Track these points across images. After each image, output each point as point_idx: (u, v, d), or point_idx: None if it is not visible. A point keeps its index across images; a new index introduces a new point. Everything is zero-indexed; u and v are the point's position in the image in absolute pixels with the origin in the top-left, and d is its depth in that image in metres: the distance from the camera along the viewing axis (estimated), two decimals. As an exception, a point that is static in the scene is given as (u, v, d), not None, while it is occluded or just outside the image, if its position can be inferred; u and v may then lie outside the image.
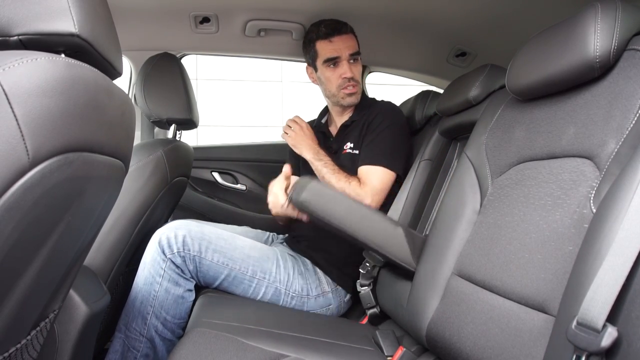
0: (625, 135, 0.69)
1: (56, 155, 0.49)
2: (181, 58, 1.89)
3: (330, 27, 1.51)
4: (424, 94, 1.62)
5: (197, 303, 1.22)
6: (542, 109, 0.88)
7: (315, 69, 1.57)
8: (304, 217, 1.20)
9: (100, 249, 1.18)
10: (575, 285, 0.62)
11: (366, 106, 1.58)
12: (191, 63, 5.20)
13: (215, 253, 1.24)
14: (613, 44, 0.74)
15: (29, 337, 0.64)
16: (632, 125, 0.69)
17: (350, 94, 1.52)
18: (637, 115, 0.69)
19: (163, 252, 1.21)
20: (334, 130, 1.64)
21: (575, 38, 0.79)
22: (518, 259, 0.79)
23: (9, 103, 0.45)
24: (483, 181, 0.98)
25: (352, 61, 1.51)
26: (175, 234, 1.22)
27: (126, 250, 1.25)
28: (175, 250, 1.21)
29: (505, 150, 0.95)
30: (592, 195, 0.70)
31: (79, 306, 0.90)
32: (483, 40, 1.61)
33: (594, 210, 0.68)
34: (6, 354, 0.58)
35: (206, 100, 5.29)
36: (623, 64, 0.75)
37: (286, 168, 1.39)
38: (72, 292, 0.89)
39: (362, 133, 1.51)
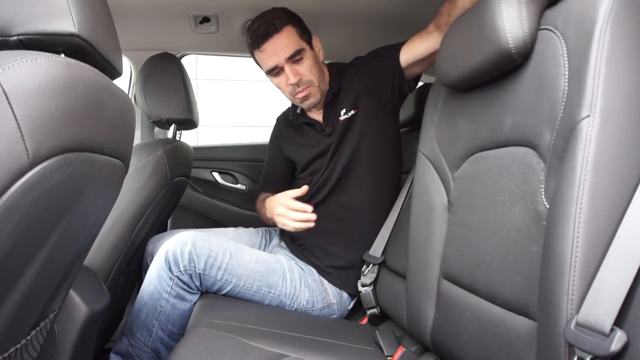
0: (557, 127, 0.65)
1: (56, 155, 0.49)
2: (181, 58, 1.89)
3: (255, 35, 1.32)
4: (423, 89, 1.61)
5: (197, 303, 1.22)
6: (480, 98, 0.83)
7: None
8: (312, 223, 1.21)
9: (100, 249, 1.18)
10: (549, 287, 0.59)
11: (340, 71, 1.44)
12: (191, 63, 5.20)
13: (219, 270, 1.23)
14: (524, 28, 0.68)
15: (28, 337, 0.64)
16: (560, 116, 0.64)
17: (304, 98, 1.37)
18: (563, 105, 0.64)
19: (170, 269, 1.18)
20: (318, 115, 1.47)
21: (486, 27, 0.73)
22: (493, 260, 0.75)
23: (9, 103, 0.45)
24: (444, 176, 0.94)
25: (295, 61, 1.32)
26: (181, 250, 1.19)
27: (126, 250, 1.25)
28: (181, 268, 1.19)
29: (455, 142, 0.90)
30: (543, 190, 0.67)
31: (79, 306, 0.90)
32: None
33: (547, 206, 0.65)
34: (6, 354, 0.58)
35: (206, 100, 5.29)
36: (539, 46, 0.69)
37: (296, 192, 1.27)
38: (72, 292, 0.89)
39: (354, 84, 1.39)
